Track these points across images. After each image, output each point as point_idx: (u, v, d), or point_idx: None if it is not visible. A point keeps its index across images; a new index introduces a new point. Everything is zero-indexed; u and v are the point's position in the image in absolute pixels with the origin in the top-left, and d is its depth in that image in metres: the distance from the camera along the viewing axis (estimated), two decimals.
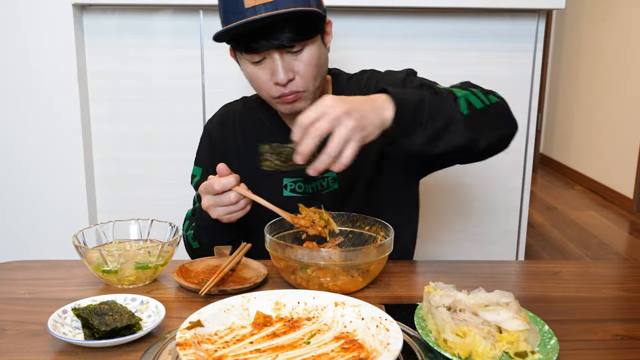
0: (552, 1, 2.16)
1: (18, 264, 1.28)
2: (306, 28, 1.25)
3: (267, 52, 1.25)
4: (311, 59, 1.28)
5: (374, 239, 1.26)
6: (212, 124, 1.55)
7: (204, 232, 1.37)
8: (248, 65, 1.30)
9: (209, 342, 0.85)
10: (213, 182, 1.20)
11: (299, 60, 1.27)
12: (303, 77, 1.29)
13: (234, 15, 1.23)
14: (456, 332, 0.89)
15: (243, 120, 1.50)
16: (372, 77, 1.47)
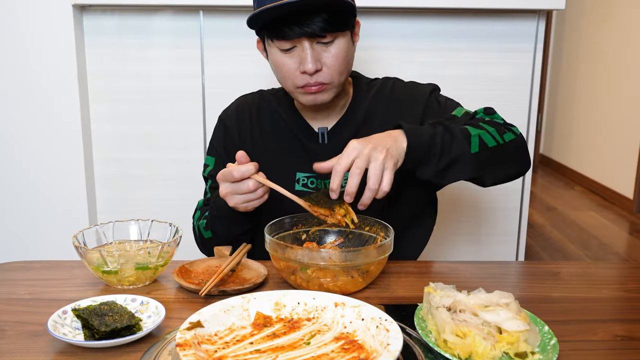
0: (552, 2, 2.16)
1: (18, 264, 1.28)
2: (339, 19, 1.26)
3: (297, 40, 1.26)
4: (340, 51, 1.29)
5: (374, 240, 1.26)
6: (228, 114, 1.54)
7: (218, 222, 1.37)
8: (277, 54, 1.31)
9: (209, 343, 0.85)
10: (232, 170, 1.19)
11: (328, 52, 1.29)
12: (330, 69, 1.30)
13: None
14: (456, 333, 0.89)
15: (259, 112, 1.50)
16: (396, 85, 1.49)
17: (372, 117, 1.45)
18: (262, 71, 2.26)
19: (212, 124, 2.32)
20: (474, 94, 2.31)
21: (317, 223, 1.31)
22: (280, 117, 1.48)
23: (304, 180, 1.44)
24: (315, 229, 1.30)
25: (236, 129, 1.50)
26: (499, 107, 2.31)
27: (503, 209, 2.43)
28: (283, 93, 1.50)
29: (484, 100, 2.32)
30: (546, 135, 6.37)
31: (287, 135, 1.47)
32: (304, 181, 1.44)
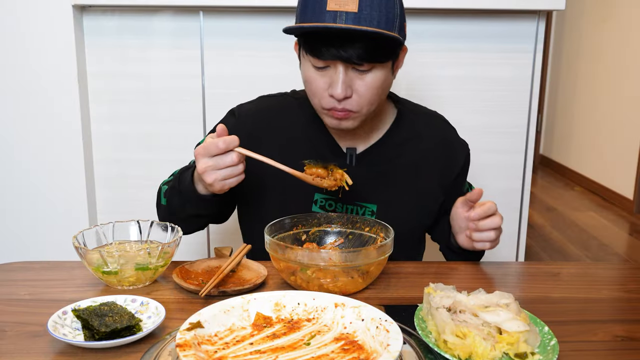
0: (552, 2, 2.16)
1: (18, 265, 1.28)
2: (380, 50, 1.21)
3: (332, 61, 1.22)
4: (375, 82, 1.24)
5: (374, 240, 1.26)
6: (244, 111, 1.45)
7: (178, 196, 1.32)
8: (309, 68, 1.26)
9: (208, 343, 0.85)
10: (217, 141, 1.14)
11: (362, 80, 1.23)
12: (360, 98, 1.25)
13: (313, 13, 1.19)
14: (456, 333, 0.89)
15: (281, 119, 1.43)
16: (444, 132, 1.48)
17: (408, 151, 1.42)
18: (262, 72, 2.26)
19: (212, 124, 2.32)
20: (474, 95, 2.31)
21: (317, 224, 1.31)
22: (304, 126, 1.41)
23: (322, 202, 1.39)
24: (315, 229, 1.30)
25: (249, 131, 1.40)
26: (499, 108, 2.33)
27: (503, 209, 2.41)
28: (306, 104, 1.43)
29: (484, 100, 2.32)
30: (546, 135, 6.37)
31: (309, 148, 1.40)
32: (322, 203, 1.39)
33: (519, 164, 2.38)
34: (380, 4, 1.18)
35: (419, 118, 1.46)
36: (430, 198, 1.44)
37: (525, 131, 2.35)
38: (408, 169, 1.42)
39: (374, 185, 1.40)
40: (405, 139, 1.43)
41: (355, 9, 1.16)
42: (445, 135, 1.47)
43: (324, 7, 1.18)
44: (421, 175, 1.43)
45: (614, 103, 4.96)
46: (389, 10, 1.19)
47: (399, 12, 1.22)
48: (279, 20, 2.21)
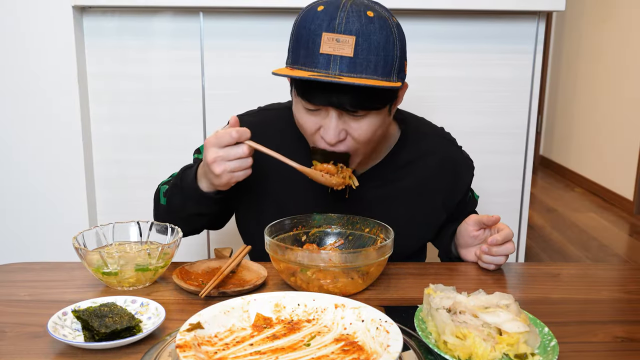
0: (552, 3, 2.16)
1: (18, 265, 1.28)
2: (376, 98, 1.16)
3: (324, 107, 1.16)
4: (370, 127, 1.19)
5: (373, 241, 1.26)
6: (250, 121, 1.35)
7: (179, 194, 1.29)
8: (300, 109, 1.21)
9: (208, 344, 0.85)
10: (230, 130, 1.11)
11: (357, 124, 1.17)
12: (355, 141, 1.19)
13: (306, 55, 1.13)
14: (456, 334, 0.89)
15: (283, 136, 1.36)
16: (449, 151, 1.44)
17: (410, 172, 1.39)
18: (262, 72, 2.26)
19: (212, 125, 2.32)
20: (474, 96, 2.31)
21: (317, 225, 1.31)
22: (303, 147, 1.32)
23: None
24: (315, 230, 1.30)
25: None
26: (499, 109, 2.32)
27: (503, 210, 2.43)
28: None
29: (484, 101, 2.32)
30: (546, 136, 6.37)
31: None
32: None
33: (519, 164, 2.38)
34: (378, 48, 1.11)
35: (423, 138, 1.42)
36: (433, 217, 1.43)
37: (525, 132, 2.35)
38: (410, 191, 1.39)
39: (375, 207, 1.37)
40: (408, 161, 1.39)
41: (351, 53, 1.10)
42: (450, 155, 1.43)
43: (318, 48, 1.11)
44: (424, 196, 1.40)
45: (614, 104, 4.96)
46: (387, 53, 1.13)
47: (398, 53, 1.16)
48: (279, 21, 2.21)
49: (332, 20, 1.11)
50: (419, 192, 1.40)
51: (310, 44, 1.12)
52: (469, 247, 1.35)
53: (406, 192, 1.39)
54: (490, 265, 1.29)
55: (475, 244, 1.33)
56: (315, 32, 1.12)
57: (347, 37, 1.10)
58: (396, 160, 1.39)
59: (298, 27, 1.16)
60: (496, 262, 1.28)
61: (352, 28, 1.10)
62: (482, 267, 1.31)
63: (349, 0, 1.14)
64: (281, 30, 2.21)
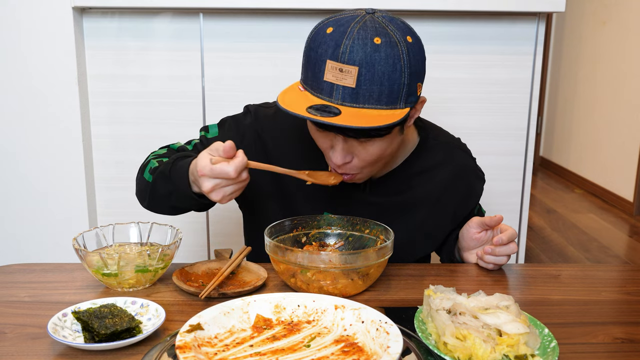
0: (552, 4, 2.16)
1: (18, 267, 1.28)
2: (381, 127, 1.11)
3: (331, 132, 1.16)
4: (377, 150, 1.18)
5: (373, 242, 1.26)
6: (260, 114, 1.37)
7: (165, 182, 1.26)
8: (311, 125, 1.21)
9: (209, 345, 0.85)
10: (227, 169, 1.06)
11: (363, 148, 1.17)
12: (361, 162, 1.19)
13: (313, 78, 1.12)
14: (456, 335, 0.89)
15: (296, 132, 1.35)
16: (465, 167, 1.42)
17: (424, 181, 1.38)
18: (262, 73, 2.26)
19: None
20: (474, 97, 2.32)
21: (317, 226, 1.31)
22: (318, 149, 1.29)
23: None
24: (315, 231, 1.30)
25: (257, 134, 1.36)
26: (499, 110, 2.33)
27: (503, 211, 2.42)
28: None
29: (484, 102, 2.32)
30: (546, 137, 6.37)
31: (324, 167, 1.31)
32: None
33: (519, 166, 2.38)
34: (382, 78, 1.07)
35: (440, 147, 1.40)
36: (440, 229, 1.42)
37: (525, 133, 2.35)
38: (422, 200, 1.38)
39: (387, 214, 1.37)
40: (424, 169, 1.38)
41: (353, 84, 1.07)
42: (465, 166, 1.42)
43: (322, 75, 1.09)
44: (435, 207, 1.39)
45: (614, 105, 4.97)
46: (392, 82, 1.08)
47: (406, 81, 1.10)
48: (279, 22, 2.21)
49: (337, 48, 1.08)
50: (430, 202, 1.38)
51: (316, 69, 1.11)
52: (471, 249, 1.34)
53: (417, 201, 1.38)
54: (490, 265, 1.29)
55: (478, 246, 1.33)
56: (321, 58, 1.10)
57: (350, 67, 1.07)
58: (412, 167, 1.37)
59: (308, 47, 1.14)
60: (498, 262, 1.28)
61: (356, 58, 1.07)
62: (482, 267, 1.31)
63: (359, 24, 1.09)
64: (281, 32, 2.22)
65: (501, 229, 1.29)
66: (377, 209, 1.37)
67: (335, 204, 1.36)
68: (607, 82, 5.09)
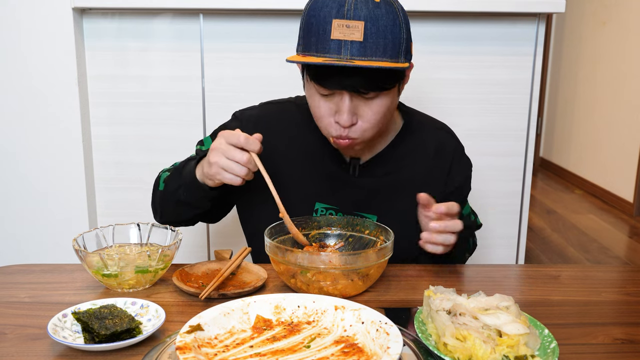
0: (552, 5, 2.16)
1: (18, 267, 1.28)
2: (387, 79, 1.20)
3: (338, 90, 1.20)
4: (381, 107, 1.23)
5: (373, 243, 1.26)
6: (247, 117, 1.44)
7: (176, 177, 1.33)
8: (314, 94, 1.25)
9: (209, 346, 0.85)
10: (240, 134, 1.16)
11: (368, 107, 1.22)
12: (366, 124, 1.24)
13: (317, 41, 1.17)
14: (456, 336, 0.89)
15: (283, 127, 1.42)
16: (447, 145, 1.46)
17: (411, 162, 1.42)
18: (262, 74, 2.26)
19: (212, 127, 2.32)
20: (474, 97, 2.32)
21: (317, 227, 1.31)
22: (306, 135, 1.40)
23: (323, 211, 1.39)
24: (315, 232, 1.31)
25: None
26: (499, 111, 2.33)
27: (503, 212, 2.43)
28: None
29: (483, 103, 2.32)
30: (546, 138, 6.37)
31: (311, 157, 1.40)
32: (322, 212, 1.39)
33: (519, 166, 2.38)
34: (385, 31, 1.16)
35: (426, 130, 1.45)
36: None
37: (525, 134, 2.35)
38: (410, 181, 1.41)
39: (376, 196, 1.40)
40: (410, 150, 1.42)
41: (361, 37, 1.14)
42: (452, 148, 1.45)
43: (329, 35, 1.16)
44: (423, 187, 1.38)
45: (614, 105, 4.97)
46: (394, 36, 1.17)
47: (405, 36, 1.20)
48: (279, 23, 2.21)
49: (341, 7, 1.16)
50: (418, 183, 1.41)
51: (321, 30, 1.17)
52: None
53: (405, 182, 1.41)
54: (436, 247, 1.21)
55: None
56: (326, 20, 1.16)
57: (357, 22, 1.15)
58: (398, 148, 1.42)
59: (308, 15, 1.20)
60: (443, 242, 1.20)
61: (361, 14, 1.15)
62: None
63: None
64: (281, 32, 2.22)
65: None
66: (367, 192, 1.39)
67: (325, 190, 1.39)
68: (607, 82, 5.09)
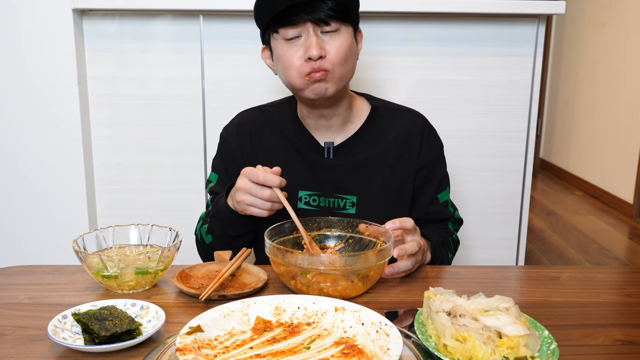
0: (552, 6, 2.17)
1: (18, 269, 1.28)
2: (344, 10, 1.32)
3: (303, 26, 1.30)
4: (343, 42, 1.33)
5: (373, 244, 1.26)
6: (229, 132, 1.54)
7: (217, 222, 1.39)
8: (282, 46, 1.34)
9: (208, 347, 0.85)
10: (259, 172, 1.24)
11: (332, 41, 1.32)
12: (333, 57, 1.32)
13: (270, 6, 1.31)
14: (456, 337, 0.89)
15: (261, 128, 1.51)
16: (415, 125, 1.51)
17: (383, 143, 1.48)
18: (262, 75, 2.26)
19: (212, 128, 2.32)
20: (474, 99, 2.32)
21: (317, 228, 1.31)
22: (283, 130, 1.49)
23: (306, 198, 1.45)
24: (315, 233, 1.31)
25: (238, 147, 1.50)
26: (499, 112, 2.33)
27: (503, 213, 2.43)
28: (287, 105, 1.52)
29: (484, 104, 2.32)
30: (546, 139, 6.37)
31: (290, 149, 1.48)
32: (306, 199, 1.45)
33: (519, 167, 2.38)
34: None
35: (394, 113, 1.52)
36: (406, 189, 1.49)
37: (525, 135, 2.35)
38: (383, 160, 1.47)
39: (352, 177, 1.46)
40: (380, 131, 1.48)
41: None
42: (420, 128, 1.51)
43: None
44: (397, 166, 1.48)
45: (614, 106, 4.97)
46: None
47: None
48: None
49: None
50: (391, 162, 1.47)
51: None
52: None
53: (379, 161, 1.47)
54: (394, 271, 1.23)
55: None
56: None
57: None
58: (369, 130, 1.48)
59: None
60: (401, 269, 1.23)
61: None
62: (484, 270, 1.30)
63: None
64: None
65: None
66: (343, 174, 1.45)
67: (306, 178, 1.46)
68: (607, 83, 5.09)
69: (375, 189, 1.46)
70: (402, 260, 1.23)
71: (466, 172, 2.35)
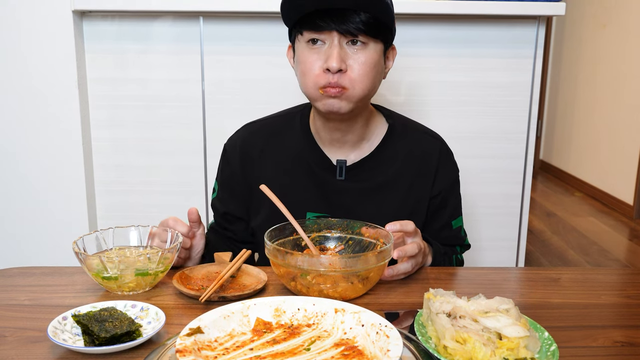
0: (552, 8, 2.17)
1: (18, 270, 1.28)
2: (376, 26, 1.23)
3: (328, 34, 1.23)
4: (368, 60, 1.25)
5: (373, 246, 1.26)
6: (232, 146, 1.48)
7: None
8: (304, 48, 1.27)
9: (208, 349, 0.85)
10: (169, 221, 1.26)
11: (356, 57, 1.24)
12: (354, 74, 1.25)
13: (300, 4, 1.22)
14: (456, 339, 0.89)
15: (266, 142, 1.45)
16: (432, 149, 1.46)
17: (398, 166, 1.42)
18: (262, 76, 2.27)
19: (212, 130, 2.33)
20: (474, 100, 2.32)
21: (317, 229, 1.31)
22: (292, 144, 1.43)
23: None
24: (315, 235, 1.30)
25: (239, 163, 1.45)
26: (499, 113, 2.33)
27: (503, 214, 2.43)
28: (298, 115, 1.45)
29: (484, 106, 2.32)
30: (546, 141, 6.37)
31: (299, 166, 1.42)
32: None
33: (519, 169, 2.38)
34: None
35: (411, 133, 1.45)
36: (419, 214, 1.45)
37: (525, 136, 2.35)
38: (397, 185, 1.42)
39: (364, 203, 1.41)
40: (397, 153, 1.42)
41: None
42: (437, 152, 1.45)
43: None
44: (411, 191, 1.43)
45: (614, 108, 4.97)
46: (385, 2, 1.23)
47: (393, 8, 1.27)
48: (279, 26, 2.21)
49: None
50: (406, 186, 1.42)
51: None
52: None
53: (393, 185, 1.42)
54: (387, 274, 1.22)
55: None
56: None
57: None
58: (384, 151, 1.42)
59: None
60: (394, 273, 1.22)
61: None
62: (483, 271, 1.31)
63: None
64: (281, 35, 2.22)
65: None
66: (355, 197, 1.40)
67: (315, 198, 1.41)
68: (607, 85, 5.09)
69: (388, 216, 1.36)
70: (402, 262, 1.23)
71: (466, 174, 2.34)
